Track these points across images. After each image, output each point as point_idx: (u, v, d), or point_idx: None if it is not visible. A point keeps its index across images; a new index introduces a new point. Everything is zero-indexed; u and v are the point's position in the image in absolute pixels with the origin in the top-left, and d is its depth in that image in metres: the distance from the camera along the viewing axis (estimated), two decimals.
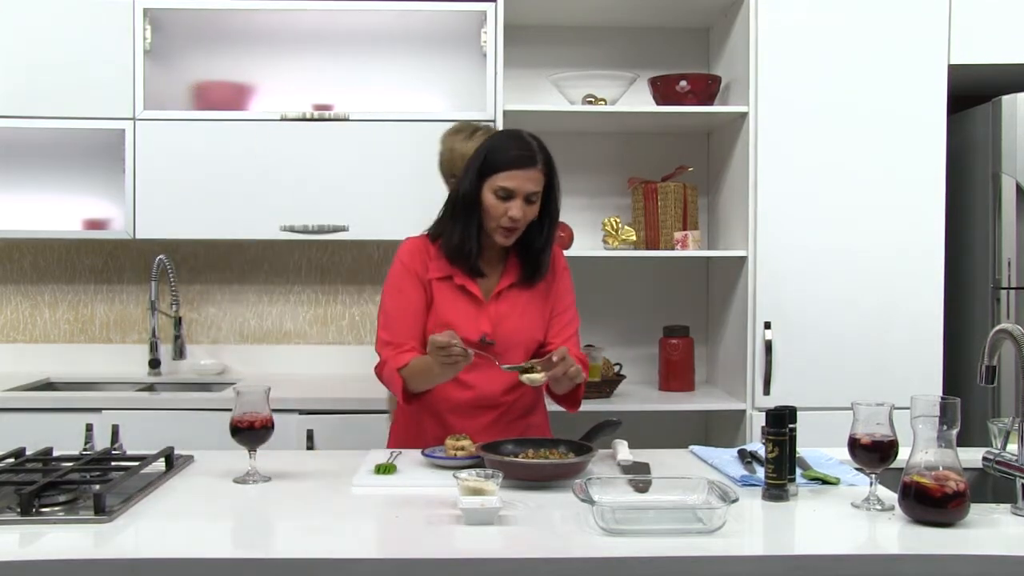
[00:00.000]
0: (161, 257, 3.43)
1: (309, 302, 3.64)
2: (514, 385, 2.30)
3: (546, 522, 1.69)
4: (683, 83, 3.27)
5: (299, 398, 3.01)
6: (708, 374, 3.61)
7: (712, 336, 3.57)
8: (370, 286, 3.62)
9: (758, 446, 2.10)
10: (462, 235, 2.26)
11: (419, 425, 2.32)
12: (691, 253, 3.30)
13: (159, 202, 3.24)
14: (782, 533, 1.67)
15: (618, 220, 3.37)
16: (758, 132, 3.14)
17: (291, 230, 3.26)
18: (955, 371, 3.20)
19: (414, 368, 2.18)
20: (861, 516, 1.73)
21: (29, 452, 2.07)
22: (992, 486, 2.01)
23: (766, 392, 3.08)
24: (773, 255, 3.14)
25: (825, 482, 1.93)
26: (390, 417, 2.61)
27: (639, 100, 3.39)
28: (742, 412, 3.16)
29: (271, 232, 3.26)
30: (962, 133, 3.28)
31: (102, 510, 1.66)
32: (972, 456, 1.94)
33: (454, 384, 2.25)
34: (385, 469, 2.00)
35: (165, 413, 3.00)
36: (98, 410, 2.91)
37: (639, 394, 3.33)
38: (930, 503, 1.64)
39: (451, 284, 2.30)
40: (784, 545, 1.61)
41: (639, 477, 1.88)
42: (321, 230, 3.25)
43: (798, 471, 1.90)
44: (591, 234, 3.51)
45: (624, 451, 2.16)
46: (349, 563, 1.52)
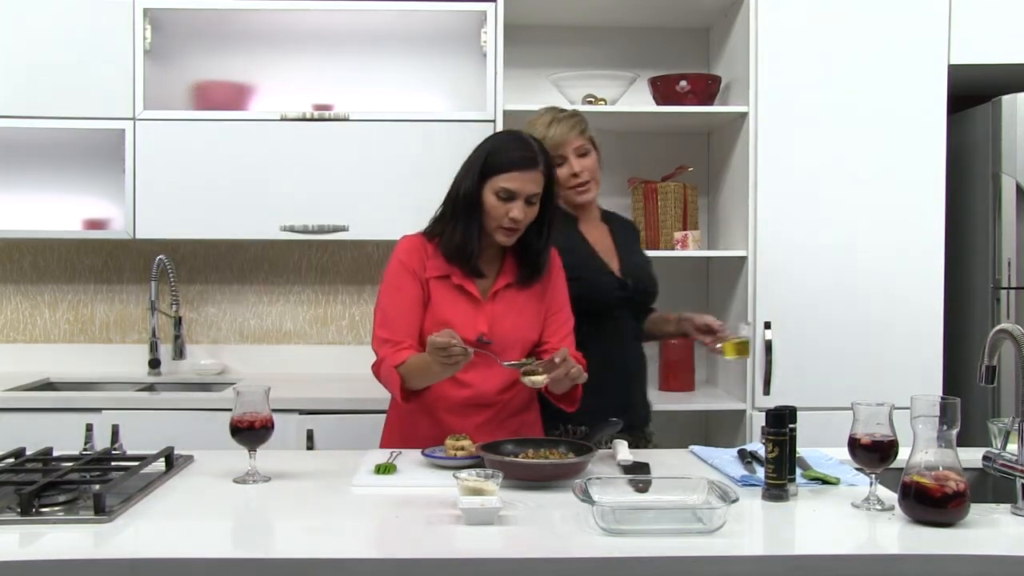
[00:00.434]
0: (161, 257, 3.43)
1: (309, 302, 3.64)
2: (510, 384, 2.30)
3: (546, 522, 1.69)
4: (683, 83, 3.27)
5: (299, 398, 3.01)
6: (708, 374, 3.61)
7: None
8: (370, 286, 3.62)
9: (758, 446, 2.10)
10: (464, 235, 2.26)
11: (413, 423, 2.32)
12: (691, 253, 3.30)
13: (159, 202, 3.24)
14: (782, 533, 1.67)
15: None
16: (758, 132, 3.14)
17: (291, 230, 3.26)
18: (955, 371, 3.20)
19: (412, 366, 2.18)
20: (861, 516, 1.73)
21: (29, 452, 2.07)
22: (992, 486, 2.01)
23: (766, 392, 3.08)
24: (773, 255, 3.14)
25: (825, 482, 1.93)
26: None
27: (639, 100, 3.39)
28: (742, 412, 3.16)
29: (271, 232, 3.26)
30: (962, 133, 3.28)
31: (102, 510, 1.66)
32: (972, 456, 1.94)
33: (451, 383, 2.25)
34: (385, 469, 2.00)
35: (165, 413, 2.99)
36: (98, 410, 2.91)
37: None
38: (930, 503, 1.64)
39: (448, 283, 2.29)
40: (784, 545, 1.61)
41: (639, 477, 1.88)
42: (321, 230, 3.25)
43: (798, 471, 1.90)
44: None
45: (624, 451, 2.16)
46: (349, 563, 1.52)
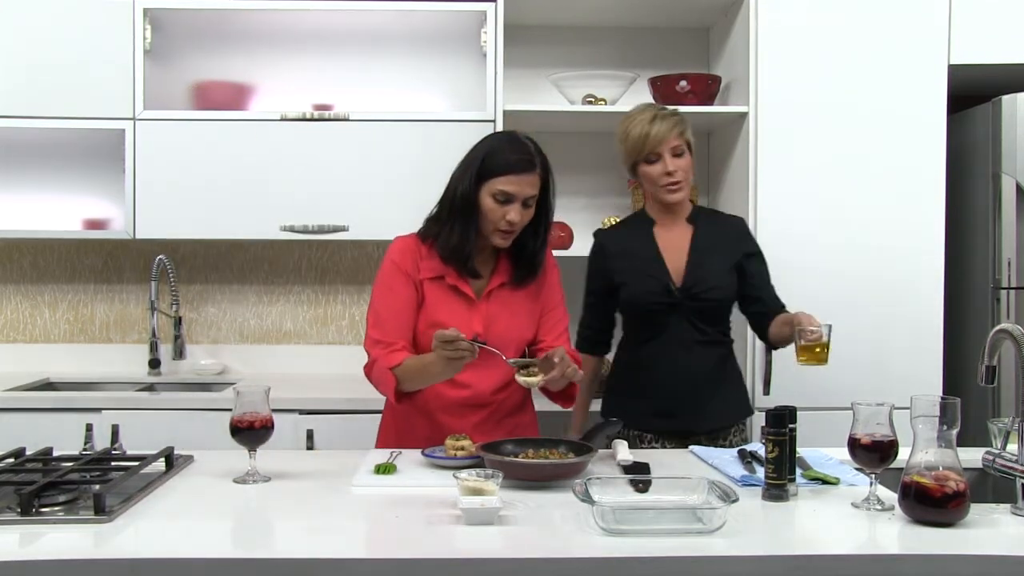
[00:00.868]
0: (161, 257, 3.43)
1: (309, 302, 3.64)
2: (505, 384, 2.31)
3: (546, 522, 1.69)
4: (683, 83, 3.27)
5: (299, 398, 3.01)
6: None
7: None
8: (370, 286, 3.57)
9: (758, 446, 2.10)
10: (460, 237, 2.26)
11: (409, 423, 2.32)
12: None
13: (159, 202, 3.24)
14: (782, 533, 1.67)
15: (618, 220, 3.36)
16: (758, 132, 3.14)
17: (291, 230, 3.26)
18: (955, 371, 3.20)
19: (410, 367, 2.18)
20: (861, 516, 1.73)
21: (29, 452, 2.07)
22: (992, 486, 2.01)
23: (766, 392, 3.08)
24: (773, 255, 3.12)
25: (825, 482, 1.93)
26: None
27: (639, 100, 3.36)
28: None
29: (271, 232, 3.26)
30: (962, 133, 3.27)
31: (102, 510, 1.66)
32: (972, 456, 1.94)
33: (450, 383, 2.25)
34: (385, 469, 2.00)
35: (165, 413, 2.99)
36: (98, 410, 2.91)
37: None
38: (930, 503, 1.64)
39: (443, 284, 2.30)
40: (784, 545, 1.61)
41: (639, 477, 1.88)
42: (321, 230, 3.25)
43: (798, 471, 1.90)
44: (591, 234, 3.50)
45: (624, 451, 2.16)
46: (349, 563, 1.52)
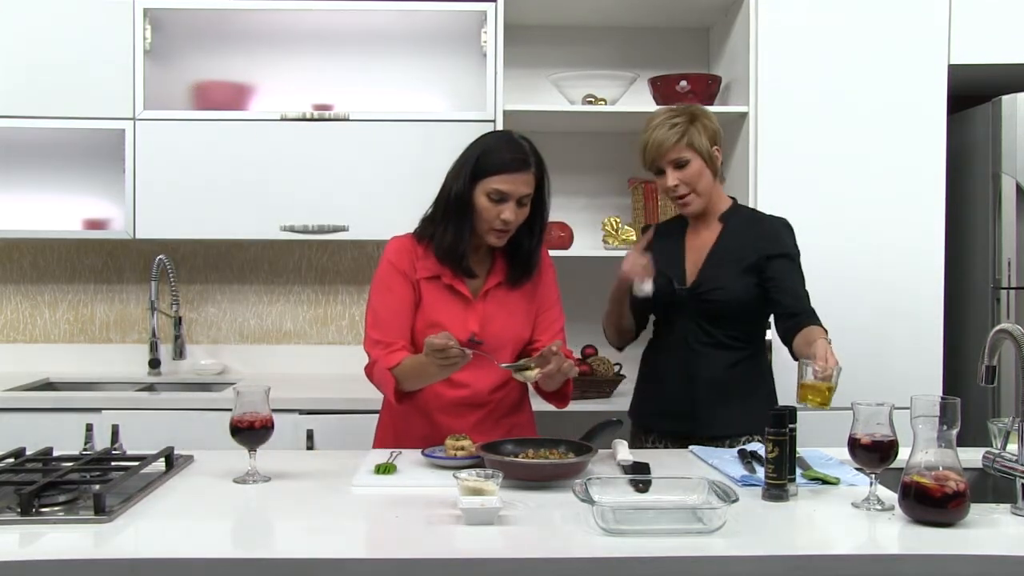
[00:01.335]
0: (161, 257, 3.43)
1: (309, 302, 3.64)
2: (502, 384, 2.31)
3: (546, 522, 1.69)
4: (683, 83, 3.27)
5: (299, 398, 3.01)
6: None
7: None
8: (369, 286, 3.61)
9: (758, 446, 2.10)
10: (455, 236, 2.26)
11: (407, 422, 2.32)
12: None
13: (159, 202, 3.24)
14: (782, 533, 1.67)
15: (618, 220, 3.37)
16: (758, 132, 3.14)
17: (291, 230, 3.26)
18: (955, 371, 3.20)
19: (407, 367, 2.19)
20: (861, 516, 1.73)
21: (29, 452, 2.07)
22: (992, 486, 2.00)
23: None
24: None
25: (825, 482, 1.93)
26: None
27: (639, 100, 3.38)
28: None
29: (271, 232, 3.26)
30: (962, 133, 3.27)
31: (102, 510, 1.66)
32: (972, 456, 1.94)
33: (447, 383, 2.26)
34: (385, 469, 2.00)
35: (165, 413, 2.99)
36: (98, 410, 2.91)
37: None
38: (930, 503, 1.64)
39: (439, 284, 2.30)
40: (784, 545, 1.61)
41: (639, 477, 1.88)
42: (321, 230, 3.25)
43: (798, 471, 1.90)
44: (591, 234, 3.51)
45: (624, 451, 2.16)
46: (349, 563, 1.52)
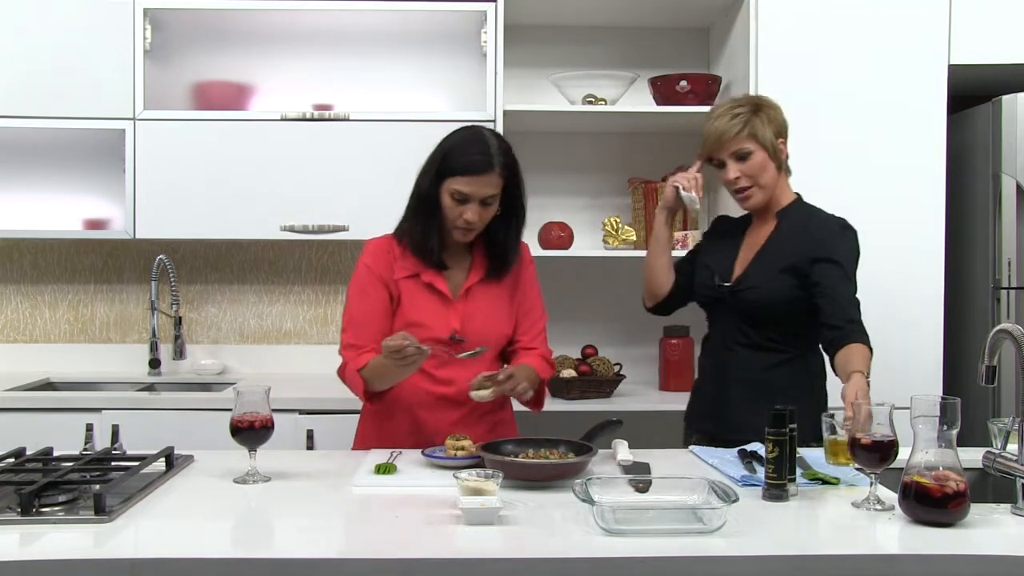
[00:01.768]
0: (161, 257, 3.43)
1: (309, 302, 3.64)
2: None
3: (546, 522, 1.69)
4: (683, 83, 3.27)
5: (299, 398, 3.01)
6: None
7: None
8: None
9: (758, 446, 2.10)
10: (423, 232, 2.28)
11: (390, 420, 2.33)
12: None
13: (159, 202, 3.24)
14: (782, 533, 1.67)
15: (618, 220, 3.37)
16: None
17: (291, 230, 3.26)
18: (955, 371, 3.20)
19: (372, 368, 2.21)
20: (861, 516, 1.73)
21: (29, 452, 2.06)
22: (992, 486, 2.00)
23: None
24: None
25: (825, 482, 1.93)
26: None
27: (639, 100, 3.38)
28: None
29: (271, 232, 3.26)
30: (962, 133, 3.27)
31: (102, 510, 1.66)
32: (972, 456, 1.94)
33: (426, 379, 2.28)
34: (385, 469, 2.00)
35: (165, 413, 2.99)
36: (98, 410, 2.91)
37: (639, 394, 3.33)
38: (930, 503, 1.64)
39: (418, 282, 2.31)
40: (784, 545, 1.61)
41: (639, 477, 1.88)
42: (321, 230, 3.25)
43: (798, 471, 1.90)
44: (591, 234, 3.51)
45: (624, 451, 2.16)
46: (349, 563, 1.52)
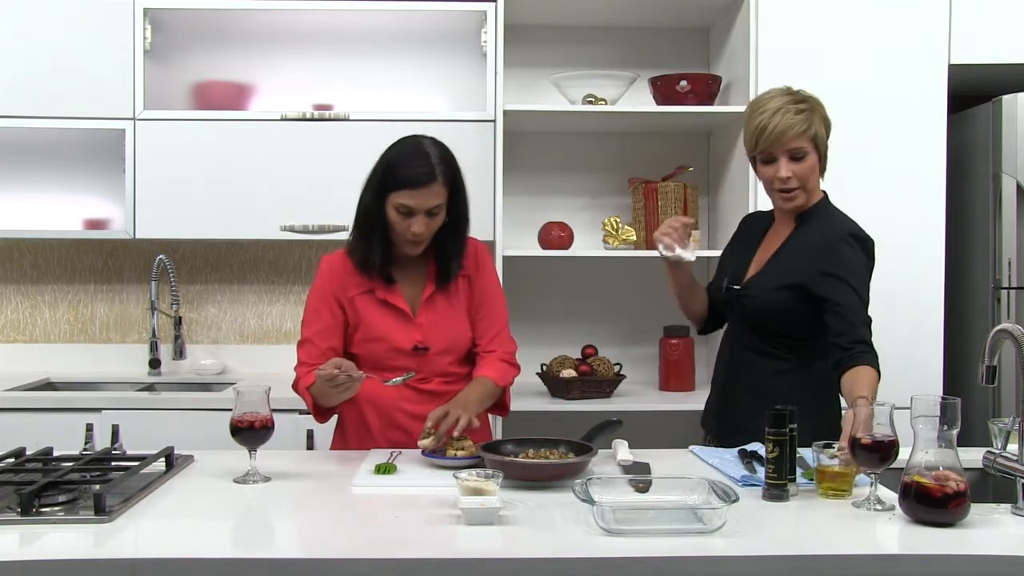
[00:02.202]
0: (161, 257, 3.43)
1: None
2: (455, 380, 2.32)
3: (546, 522, 1.69)
4: (683, 83, 3.27)
5: (299, 398, 2.99)
6: (708, 374, 3.60)
7: (712, 336, 3.56)
8: None
9: (758, 446, 2.10)
10: (365, 249, 2.27)
11: (364, 421, 2.34)
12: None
13: (159, 202, 3.24)
14: (782, 533, 1.67)
15: (618, 220, 3.37)
16: None
17: (291, 230, 3.26)
18: (955, 371, 3.20)
19: (317, 388, 2.20)
20: (861, 516, 1.73)
21: (29, 452, 2.07)
22: (992, 486, 2.01)
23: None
24: None
25: None
26: None
27: (639, 100, 3.38)
28: None
29: (271, 232, 3.26)
30: (962, 133, 3.27)
31: (102, 510, 1.66)
32: (972, 456, 1.94)
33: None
34: (385, 469, 2.00)
35: (165, 413, 2.99)
36: (98, 410, 2.91)
37: (639, 394, 3.33)
38: (930, 503, 1.64)
39: (374, 297, 2.31)
40: (784, 545, 1.61)
41: (639, 477, 1.88)
42: (321, 230, 3.25)
43: (798, 471, 1.90)
44: (591, 234, 3.51)
45: (624, 451, 2.16)
46: (349, 563, 1.52)
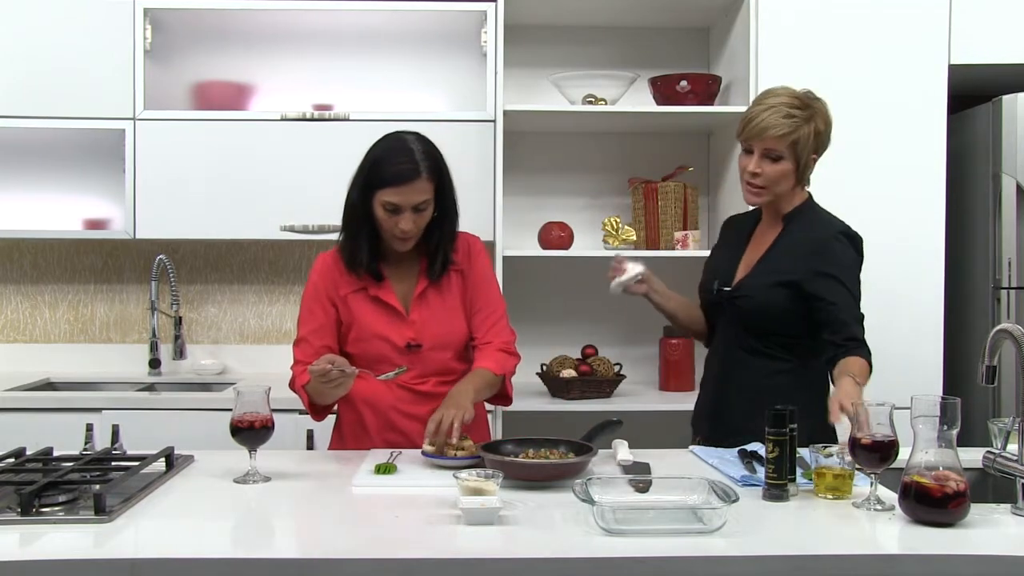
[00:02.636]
0: (161, 257, 3.43)
1: None
2: (451, 379, 2.31)
3: (546, 522, 1.69)
4: (683, 83, 3.27)
5: (298, 398, 2.99)
6: None
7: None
8: None
9: (758, 446, 2.10)
10: (352, 246, 2.28)
11: (361, 422, 2.34)
12: (691, 253, 3.29)
13: (159, 202, 3.24)
14: (782, 533, 1.67)
15: (618, 220, 3.37)
16: None
17: (291, 230, 3.26)
18: (955, 371, 3.20)
19: (312, 386, 2.20)
20: (861, 516, 1.73)
21: (29, 452, 2.06)
22: (992, 486, 2.01)
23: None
24: None
25: None
26: None
27: (639, 100, 3.38)
28: None
29: (271, 232, 3.26)
30: (962, 133, 3.27)
31: (102, 510, 1.66)
32: (972, 456, 1.94)
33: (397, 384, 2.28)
34: (385, 469, 2.00)
35: (165, 413, 3.00)
36: (98, 410, 2.91)
37: (639, 394, 3.33)
38: (930, 503, 1.63)
39: (366, 295, 2.31)
40: (784, 545, 1.61)
41: (639, 477, 1.88)
42: (321, 230, 3.25)
43: (798, 471, 1.90)
44: (591, 234, 3.51)
45: (624, 451, 2.16)
46: (349, 563, 1.52)
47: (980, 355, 1.90)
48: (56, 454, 2.08)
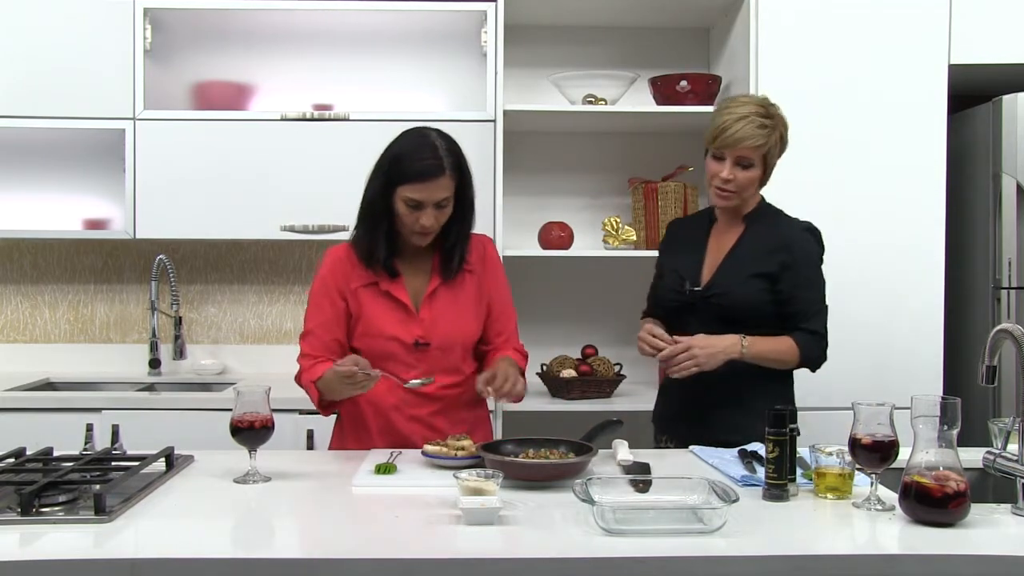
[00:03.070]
0: (161, 257, 3.44)
1: None
2: (458, 382, 2.31)
3: (546, 522, 1.69)
4: (683, 83, 3.27)
5: (299, 398, 2.98)
6: None
7: None
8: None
9: (758, 446, 2.10)
10: (370, 240, 2.28)
11: (363, 421, 2.33)
12: None
13: (159, 202, 3.24)
14: (782, 533, 1.67)
15: (618, 220, 3.37)
16: None
17: (291, 230, 3.26)
18: (955, 371, 3.20)
19: (327, 381, 2.19)
20: (861, 516, 1.73)
21: (29, 452, 2.07)
22: (992, 486, 2.00)
23: None
24: None
25: None
26: None
27: (639, 100, 3.38)
28: None
29: (271, 232, 3.26)
30: (962, 133, 3.27)
31: (102, 510, 1.66)
32: (972, 456, 1.93)
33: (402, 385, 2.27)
34: (385, 469, 2.00)
35: (165, 413, 3.00)
36: (98, 410, 2.91)
37: (639, 394, 3.32)
38: (930, 503, 1.64)
39: (378, 290, 2.30)
40: (784, 545, 1.61)
41: (639, 477, 1.88)
42: (321, 230, 3.25)
43: (798, 471, 1.90)
44: (591, 234, 3.51)
45: (624, 451, 2.16)
46: (349, 563, 1.52)
47: (980, 355, 1.90)
48: (56, 454, 2.08)
